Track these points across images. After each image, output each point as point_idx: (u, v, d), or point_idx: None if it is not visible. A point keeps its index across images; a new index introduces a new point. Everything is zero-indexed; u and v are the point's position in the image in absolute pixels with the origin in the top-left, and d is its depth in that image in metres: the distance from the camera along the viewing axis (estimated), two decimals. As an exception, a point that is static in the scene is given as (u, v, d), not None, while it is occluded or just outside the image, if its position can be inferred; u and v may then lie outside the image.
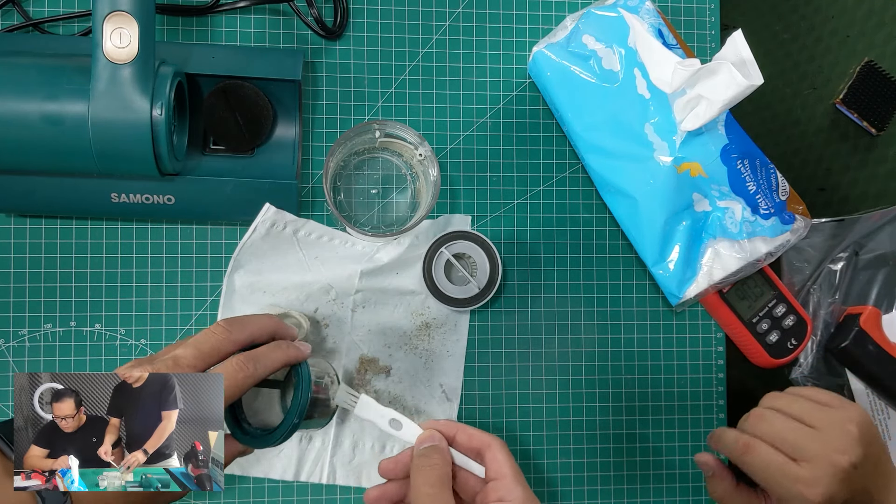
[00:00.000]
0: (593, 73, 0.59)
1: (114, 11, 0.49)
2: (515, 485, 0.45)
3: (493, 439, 0.48)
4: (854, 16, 0.69)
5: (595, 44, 0.59)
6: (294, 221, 0.59)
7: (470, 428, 0.49)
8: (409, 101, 0.63)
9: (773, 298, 0.62)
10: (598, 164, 0.60)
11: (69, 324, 0.60)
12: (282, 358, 0.45)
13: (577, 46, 0.59)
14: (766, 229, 0.57)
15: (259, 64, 0.57)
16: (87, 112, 0.50)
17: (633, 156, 0.58)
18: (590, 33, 0.59)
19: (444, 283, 0.60)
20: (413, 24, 0.64)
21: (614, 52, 0.58)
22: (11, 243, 0.59)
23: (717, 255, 0.58)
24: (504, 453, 0.47)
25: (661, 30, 0.58)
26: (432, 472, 0.46)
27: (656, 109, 0.57)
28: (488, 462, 0.47)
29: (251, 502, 0.60)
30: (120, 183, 0.56)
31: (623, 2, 0.59)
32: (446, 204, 0.63)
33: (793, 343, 0.62)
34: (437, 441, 0.48)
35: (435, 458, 0.47)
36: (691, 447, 0.65)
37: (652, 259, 0.59)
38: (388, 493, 0.49)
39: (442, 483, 0.45)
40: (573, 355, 0.64)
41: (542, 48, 0.61)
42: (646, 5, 0.59)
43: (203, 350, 0.42)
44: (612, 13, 0.58)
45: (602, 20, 0.59)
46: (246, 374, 0.42)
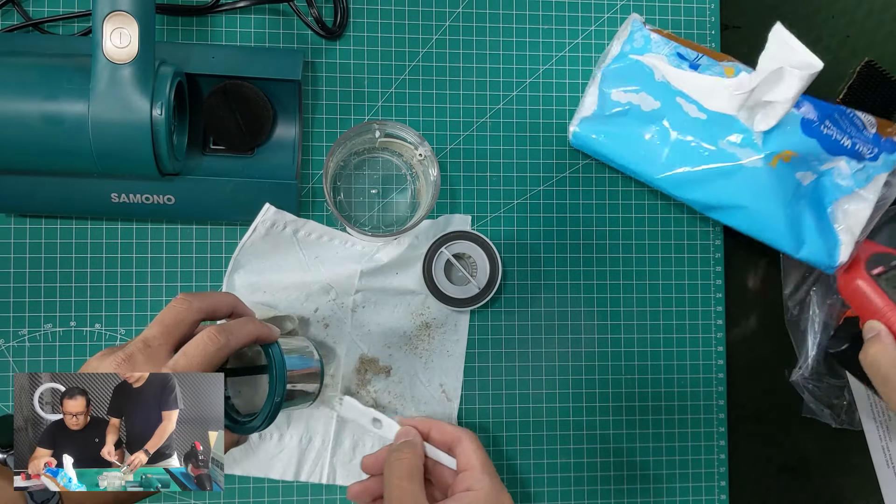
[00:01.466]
0: (640, 122, 0.59)
1: (114, 11, 0.49)
2: (483, 474, 0.48)
3: (463, 433, 0.51)
4: (854, 16, 0.69)
5: (626, 95, 0.58)
6: (294, 221, 0.59)
7: (444, 424, 0.53)
8: (409, 101, 0.63)
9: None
10: (690, 194, 0.59)
11: (69, 324, 0.60)
12: (253, 331, 0.45)
13: (611, 107, 0.59)
14: (878, 168, 0.57)
15: (259, 64, 0.57)
16: (87, 112, 0.50)
17: (722, 172, 0.57)
18: (616, 87, 0.59)
19: (444, 283, 0.60)
20: (413, 24, 0.64)
21: (648, 94, 0.58)
22: (11, 243, 0.59)
23: (845, 214, 0.57)
24: (473, 446, 0.50)
25: (679, 52, 0.57)
26: (402, 465, 0.49)
27: (721, 125, 0.56)
28: (458, 454, 0.50)
29: (251, 502, 0.60)
30: (120, 183, 0.56)
31: (629, 49, 0.58)
32: (446, 204, 0.63)
33: None
34: (411, 437, 0.51)
35: (405, 453, 0.50)
36: (691, 447, 0.65)
37: (792, 248, 0.59)
38: (369, 489, 0.52)
39: (411, 476, 0.48)
40: (573, 355, 0.64)
41: (576, 127, 0.61)
42: (651, 38, 0.58)
43: (167, 323, 0.43)
44: (625, 62, 0.58)
45: (620, 72, 0.58)
46: (218, 345, 0.43)
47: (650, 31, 0.59)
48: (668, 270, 0.65)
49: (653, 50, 0.58)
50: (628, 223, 0.65)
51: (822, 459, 0.67)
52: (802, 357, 0.65)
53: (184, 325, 0.44)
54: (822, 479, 0.67)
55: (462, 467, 0.50)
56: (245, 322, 0.46)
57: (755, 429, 0.67)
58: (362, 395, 0.61)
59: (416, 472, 0.48)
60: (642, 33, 0.59)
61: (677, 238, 0.65)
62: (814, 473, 0.67)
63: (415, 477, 0.48)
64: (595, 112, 0.60)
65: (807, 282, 0.66)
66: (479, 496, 0.47)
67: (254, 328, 0.45)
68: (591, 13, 0.65)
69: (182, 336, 0.44)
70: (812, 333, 0.65)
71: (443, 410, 0.62)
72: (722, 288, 0.66)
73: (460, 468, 0.50)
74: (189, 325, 0.44)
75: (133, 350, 0.41)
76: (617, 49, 0.60)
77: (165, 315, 0.44)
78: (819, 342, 0.65)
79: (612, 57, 0.59)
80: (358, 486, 0.53)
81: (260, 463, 0.60)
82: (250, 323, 0.46)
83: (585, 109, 0.61)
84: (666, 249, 0.65)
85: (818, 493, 0.67)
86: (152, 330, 0.43)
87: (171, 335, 0.43)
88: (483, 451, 0.50)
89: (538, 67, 0.65)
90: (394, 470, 0.48)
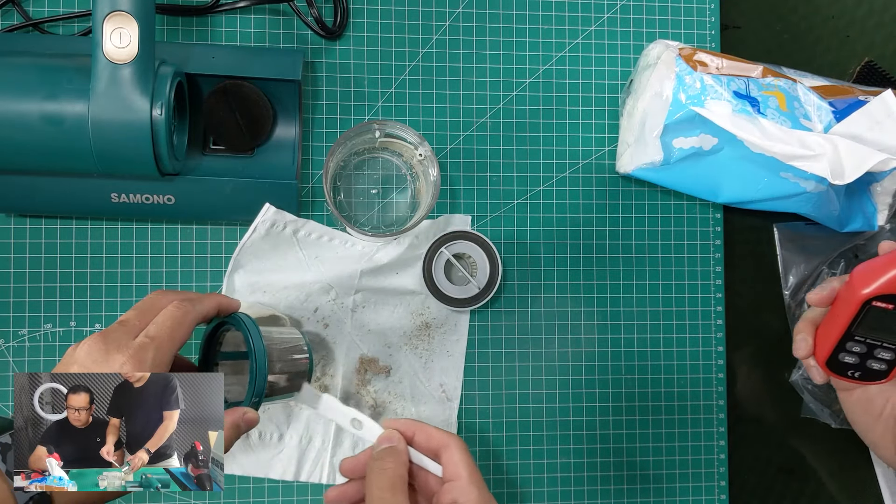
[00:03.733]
0: (706, 159, 0.59)
1: (114, 11, 0.49)
2: (471, 486, 0.45)
3: (451, 439, 0.47)
4: (854, 16, 0.69)
5: (688, 140, 0.59)
6: (294, 221, 0.59)
7: (430, 427, 0.48)
8: (409, 101, 0.63)
9: None
10: (747, 206, 0.63)
11: (69, 324, 0.60)
12: (215, 299, 0.49)
13: (676, 155, 0.59)
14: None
15: (259, 64, 0.57)
16: (87, 112, 0.50)
17: (784, 196, 0.60)
18: (678, 136, 0.59)
19: (444, 283, 0.60)
20: (413, 24, 0.64)
21: (707, 133, 0.58)
22: (11, 243, 0.59)
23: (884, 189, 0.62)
24: (461, 453, 0.46)
25: (736, 91, 0.57)
26: (384, 475, 0.45)
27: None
28: (445, 462, 0.46)
29: (251, 502, 0.60)
30: (120, 183, 0.56)
31: (685, 98, 0.57)
32: (446, 204, 0.63)
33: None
34: (394, 442, 0.47)
35: (388, 462, 0.46)
36: (691, 447, 0.65)
37: (838, 226, 0.64)
38: (347, 494, 0.49)
39: (394, 487, 0.44)
40: (573, 355, 0.64)
41: (637, 168, 0.61)
42: (705, 81, 0.57)
43: (142, 308, 0.46)
44: (685, 113, 0.57)
45: (681, 123, 0.58)
46: (184, 309, 0.45)
47: (698, 70, 0.58)
48: (668, 270, 0.65)
49: (710, 95, 0.57)
50: (628, 223, 0.65)
51: (822, 459, 0.67)
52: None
53: (156, 308, 0.46)
54: (822, 479, 0.67)
55: (448, 477, 0.46)
56: (207, 294, 0.49)
57: (755, 429, 0.67)
58: (362, 395, 0.61)
59: (399, 481, 0.45)
60: (693, 77, 0.57)
61: (677, 238, 0.65)
62: (813, 473, 0.67)
63: (398, 487, 0.45)
64: (662, 162, 0.60)
65: (807, 282, 0.66)
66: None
67: (215, 296, 0.49)
68: (591, 13, 0.65)
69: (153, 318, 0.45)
70: (812, 333, 0.65)
71: (443, 410, 0.62)
72: (722, 288, 0.66)
73: (446, 477, 0.46)
74: (161, 309, 0.46)
75: (107, 329, 0.43)
76: (658, 92, 0.58)
77: (140, 302, 0.47)
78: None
79: (670, 110, 0.58)
80: (335, 491, 0.49)
81: (260, 463, 0.60)
82: (212, 295, 0.49)
83: (647, 156, 0.60)
84: (666, 249, 0.65)
85: (818, 493, 0.67)
86: (128, 314, 0.45)
87: (144, 316, 0.45)
88: (471, 458, 0.46)
89: (538, 67, 0.65)
90: (376, 480, 0.45)
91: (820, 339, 0.53)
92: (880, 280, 0.47)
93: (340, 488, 0.49)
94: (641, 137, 0.60)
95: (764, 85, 0.58)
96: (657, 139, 0.59)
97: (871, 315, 0.49)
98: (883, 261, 0.48)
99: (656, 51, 0.60)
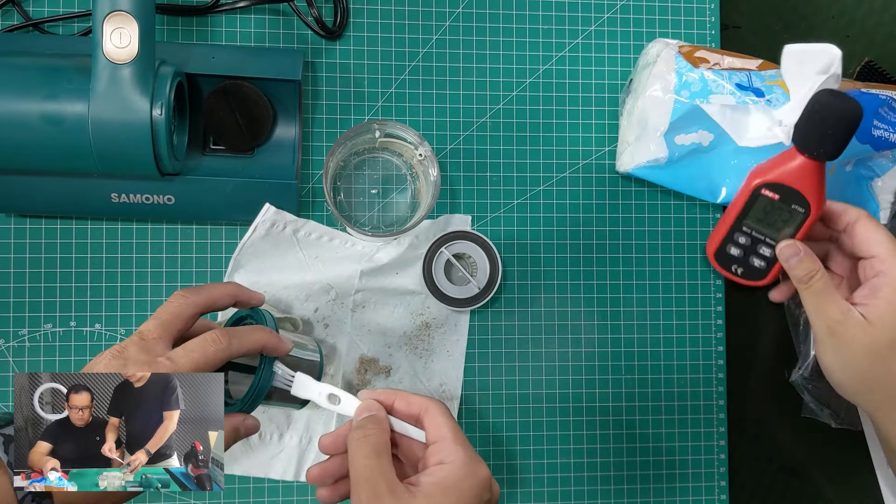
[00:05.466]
0: (705, 156, 0.60)
1: (114, 11, 0.49)
2: (455, 445, 0.44)
3: (430, 402, 0.46)
4: (854, 16, 0.69)
5: (689, 137, 0.59)
6: (294, 221, 0.59)
7: (409, 394, 0.47)
8: (409, 101, 0.63)
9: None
10: None
11: (69, 324, 0.60)
12: (261, 340, 0.45)
13: (679, 152, 0.60)
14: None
15: (259, 64, 0.57)
16: (87, 112, 0.50)
17: None
18: (679, 133, 0.59)
19: (444, 283, 0.60)
20: (413, 24, 0.64)
21: (704, 129, 0.58)
22: (11, 243, 0.59)
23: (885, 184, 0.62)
24: (443, 416, 0.45)
25: (740, 83, 0.58)
26: (367, 442, 0.44)
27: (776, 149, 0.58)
28: (427, 426, 0.46)
29: (251, 502, 0.60)
30: (120, 183, 0.56)
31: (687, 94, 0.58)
32: (446, 204, 0.63)
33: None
34: (374, 411, 0.46)
35: (370, 429, 0.45)
36: (691, 447, 0.65)
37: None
38: (329, 470, 0.48)
39: (378, 453, 0.43)
40: (573, 355, 0.64)
41: (638, 166, 0.61)
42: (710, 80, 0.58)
43: (163, 318, 0.43)
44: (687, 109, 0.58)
45: (683, 120, 0.58)
46: (218, 347, 0.43)
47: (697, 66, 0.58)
48: (668, 270, 0.65)
49: (712, 90, 0.57)
50: (628, 223, 0.65)
51: (822, 459, 0.67)
52: (802, 357, 0.65)
53: (180, 319, 0.44)
54: (822, 479, 0.67)
55: (432, 439, 0.45)
56: (254, 329, 0.46)
57: (755, 429, 0.67)
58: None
59: (382, 448, 0.44)
60: (694, 73, 0.58)
61: (677, 238, 0.65)
62: (814, 473, 0.67)
63: (382, 454, 0.43)
64: (664, 159, 0.60)
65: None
66: (454, 468, 0.43)
67: (262, 337, 0.45)
68: (591, 13, 0.65)
69: (179, 331, 0.44)
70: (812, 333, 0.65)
71: (443, 410, 0.62)
72: (722, 288, 0.66)
73: (430, 440, 0.45)
74: (186, 320, 0.44)
75: (127, 343, 0.42)
76: (659, 90, 0.59)
77: (162, 310, 0.44)
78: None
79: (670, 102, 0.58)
80: (317, 468, 0.47)
81: (260, 463, 0.60)
82: (260, 331, 0.46)
83: (649, 155, 0.60)
84: (666, 249, 0.65)
85: (818, 493, 0.67)
86: (148, 324, 0.43)
87: (167, 329, 0.43)
88: (453, 420, 0.46)
89: (538, 67, 0.65)
90: (358, 448, 0.43)
91: (714, 233, 0.57)
92: (771, 172, 0.52)
93: (322, 465, 0.48)
94: (643, 135, 0.60)
95: (766, 76, 0.58)
96: (661, 137, 0.59)
97: (758, 204, 0.53)
98: (776, 158, 0.53)
99: (655, 49, 0.60)
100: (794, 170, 0.51)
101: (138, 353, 0.41)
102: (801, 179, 0.51)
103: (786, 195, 0.52)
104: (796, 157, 0.51)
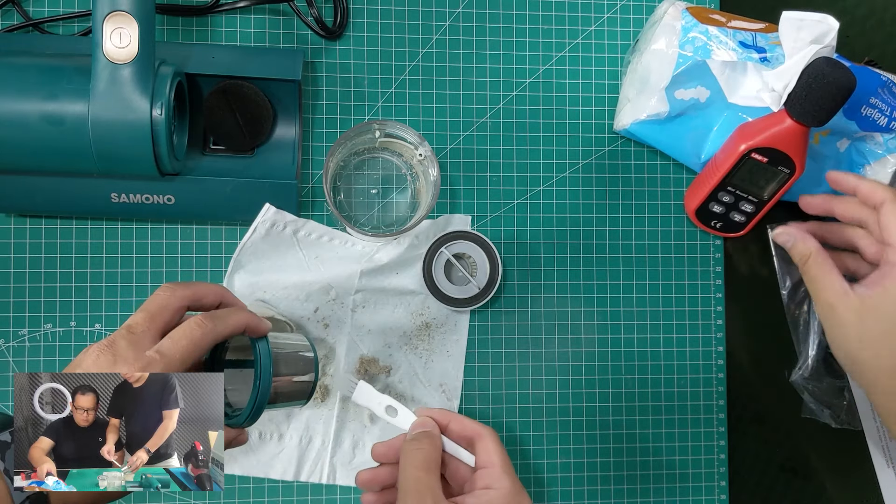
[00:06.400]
0: (697, 114, 0.60)
1: (114, 11, 0.49)
2: (503, 474, 0.46)
3: (485, 429, 0.48)
4: (854, 16, 0.69)
5: (688, 92, 0.59)
6: (294, 221, 0.59)
7: (464, 418, 0.49)
8: (409, 101, 0.63)
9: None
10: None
11: (69, 324, 0.60)
12: (242, 320, 0.44)
13: (678, 107, 0.60)
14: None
15: (259, 64, 0.57)
16: (87, 112, 0.50)
17: None
18: (679, 88, 0.59)
19: (444, 283, 0.60)
20: (413, 24, 0.64)
21: (702, 85, 0.59)
22: (11, 243, 0.59)
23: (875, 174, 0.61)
24: (495, 444, 0.47)
25: (743, 41, 0.58)
26: (420, 455, 0.46)
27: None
28: (479, 451, 0.48)
29: (251, 502, 0.60)
30: (120, 183, 0.56)
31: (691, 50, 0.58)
32: (446, 204, 0.63)
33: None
34: (429, 427, 0.48)
35: (424, 443, 0.47)
36: (691, 447, 0.65)
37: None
38: (379, 477, 0.50)
39: (429, 467, 0.45)
40: (573, 355, 0.64)
41: (637, 121, 0.61)
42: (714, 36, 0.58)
43: (151, 310, 0.43)
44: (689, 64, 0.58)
45: (684, 74, 0.58)
46: (204, 329, 0.42)
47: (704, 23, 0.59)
48: (668, 270, 0.65)
49: (717, 46, 0.58)
50: (628, 223, 0.65)
51: (822, 459, 0.67)
52: (802, 357, 0.65)
53: (167, 311, 0.43)
54: (822, 479, 0.67)
55: (481, 464, 0.47)
56: (234, 311, 0.45)
57: (755, 429, 0.67)
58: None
59: (433, 464, 0.46)
60: (699, 28, 0.58)
61: (677, 238, 0.65)
62: (814, 473, 0.67)
63: (432, 469, 0.46)
64: (660, 115, 0.60)
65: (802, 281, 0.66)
66: (499, 495, 0.45)
67: (244, 317, 0.45)
68: (591, 13, 0.65)
69: (166, 323, 0.43)
70: (812, 334, 0.65)
71: (443, 410, 0.62)
72: (722, 288, 0.66)
73: (479, 465, 0.47)
74: (173, 312, 0.43)
75: (115, 336, 0.41)
76: (663, 45, 0.59)
77: (149, 302, 0.43)
78: (819, 342, 0.65)
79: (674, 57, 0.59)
80: (368, 473, 0.50)
81: (260, 463, 0.60)
82: (240, 312, 0.45)
83: (649, 109, 0.60)
84: (666, 250, 0.65)
85: (818, 493, 0.67)
86: (136, 316, 0.43)
87: (155, 321, 0.42)
88: (504, 450, 0.48)
89: (538, 67, 0.65)
90: (411, 460, 0.46)
91: (694, 191, 0.60)
92: (761, 135, 0.55)
93: (373, 471, 0.50)
94: (645, 90, 0.60)
95: (771, 37, 0.59)
96: (663, 91, 0.59)
97: (746, 166, 0.56)
98: (764, 120, 0.55)
99: (663, 7, 0.60)
100: (783, 133, 0.54)
101: (127, 348, 0.41)
102: (789, 143, 0.54)
103: (774, 158, 0.55)
104: (785, 120, 0.53)
